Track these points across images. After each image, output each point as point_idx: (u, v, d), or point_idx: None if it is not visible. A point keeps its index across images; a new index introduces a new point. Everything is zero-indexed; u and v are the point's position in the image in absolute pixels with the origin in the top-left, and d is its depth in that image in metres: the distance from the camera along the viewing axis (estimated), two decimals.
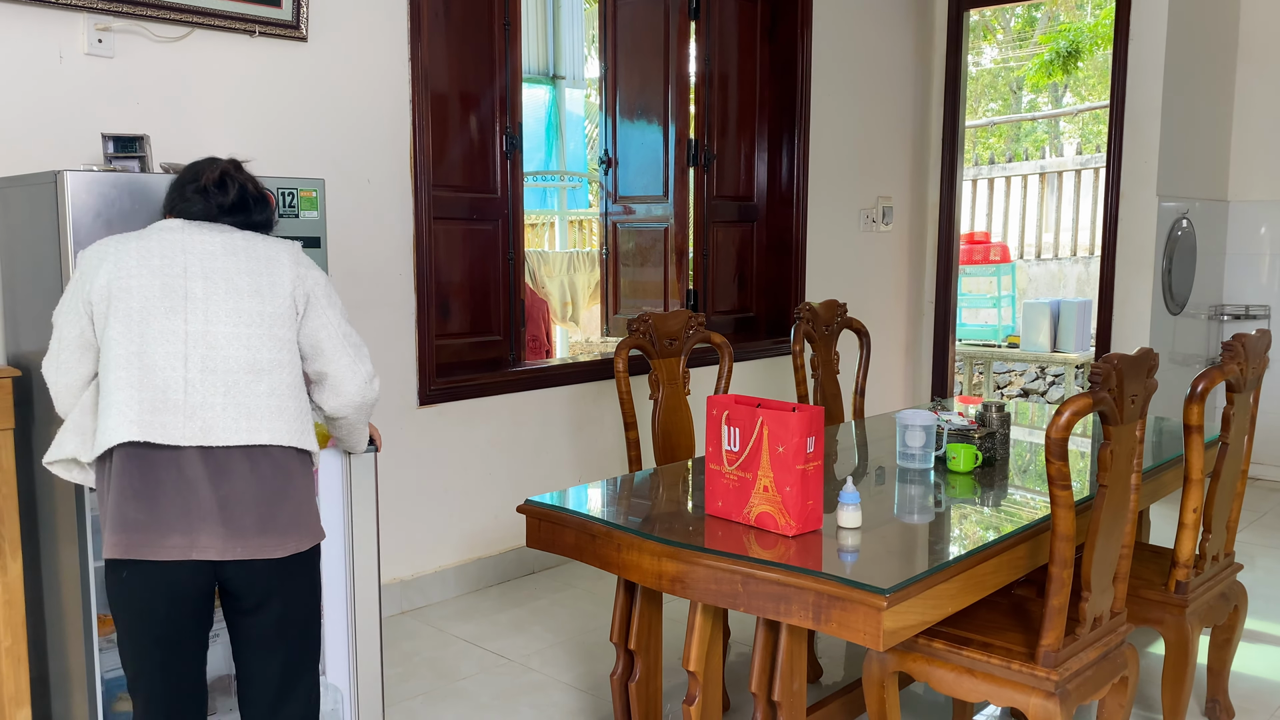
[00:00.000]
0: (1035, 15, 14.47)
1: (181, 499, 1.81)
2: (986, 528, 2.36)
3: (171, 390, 1.80)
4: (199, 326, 1.82)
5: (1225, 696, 2.83)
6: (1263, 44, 5.43)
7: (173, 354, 1.81)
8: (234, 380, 1.82)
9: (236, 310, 1.84)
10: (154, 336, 1.81)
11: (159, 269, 1.84)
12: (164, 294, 1.83)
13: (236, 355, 1.83)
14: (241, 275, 1.87)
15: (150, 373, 1.80)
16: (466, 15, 3.82)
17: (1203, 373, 2.45)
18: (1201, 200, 5.41)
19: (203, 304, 1.83)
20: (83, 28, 2.76)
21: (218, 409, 1.81)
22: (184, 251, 1.86)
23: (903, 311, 5.77)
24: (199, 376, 1.81)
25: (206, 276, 1.85)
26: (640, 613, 2.39)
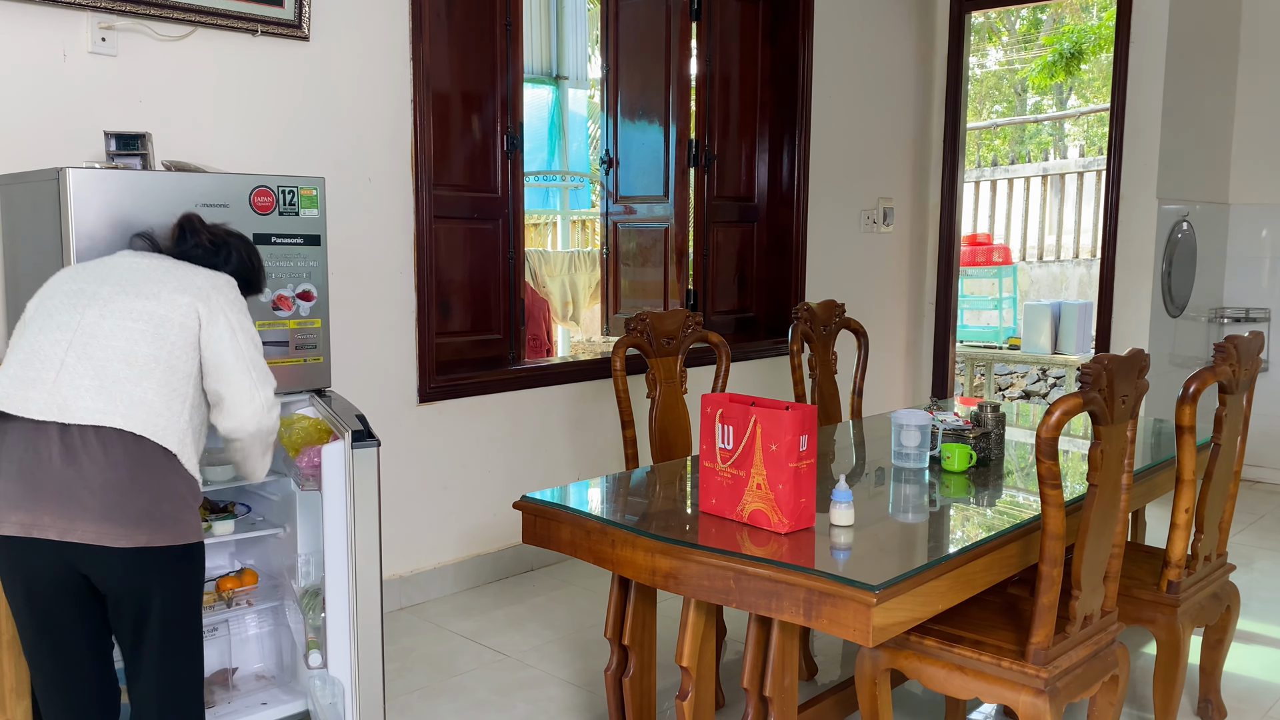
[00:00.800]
0: (1040, 17, 14.47)
1: (31, 476, 1.85)
2: (979, 526, 2.37)
3: (46, 370, 1.89)
4: (91, 319, 1.93)
5: (1218, 696, 2.84)
6: (1264, 47, 5.44)
7: (59, 341, 1.91)
8: (105, 368, 1.89)
9: (129, 309, 1.94)
10: (51, 328, 1.93)
11: (84, 278, 2.00)
12: (75, 296, 1.97)
13: (115, 345, 1.90)
14: (148, 282, 1.97)
15: (34, 355, 1.91)
16: (468, 15, 3.84)
17: (1194, 374, 2.46)
18: (1202, 203, 5.42)
19: (102, 303, 1.94)
20: (86, 26, 2.79)
21: (82, 390, 1.87)
22: (110, 268, 2.02)
23: (903, 313, 5.78)
24: (75, 362, 1.89)
25: (117, 283, 1.98)
26: (634, 609, 2.41)
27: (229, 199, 2.43)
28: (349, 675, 2.41)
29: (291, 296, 2.55)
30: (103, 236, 2.26)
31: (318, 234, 2.59)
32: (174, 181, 2.37)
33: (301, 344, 2.59)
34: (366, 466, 2.33)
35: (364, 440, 2.35)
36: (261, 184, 2.48)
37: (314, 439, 2.54)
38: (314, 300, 2.60)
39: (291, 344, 2.57)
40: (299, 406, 2.66)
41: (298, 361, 2.59)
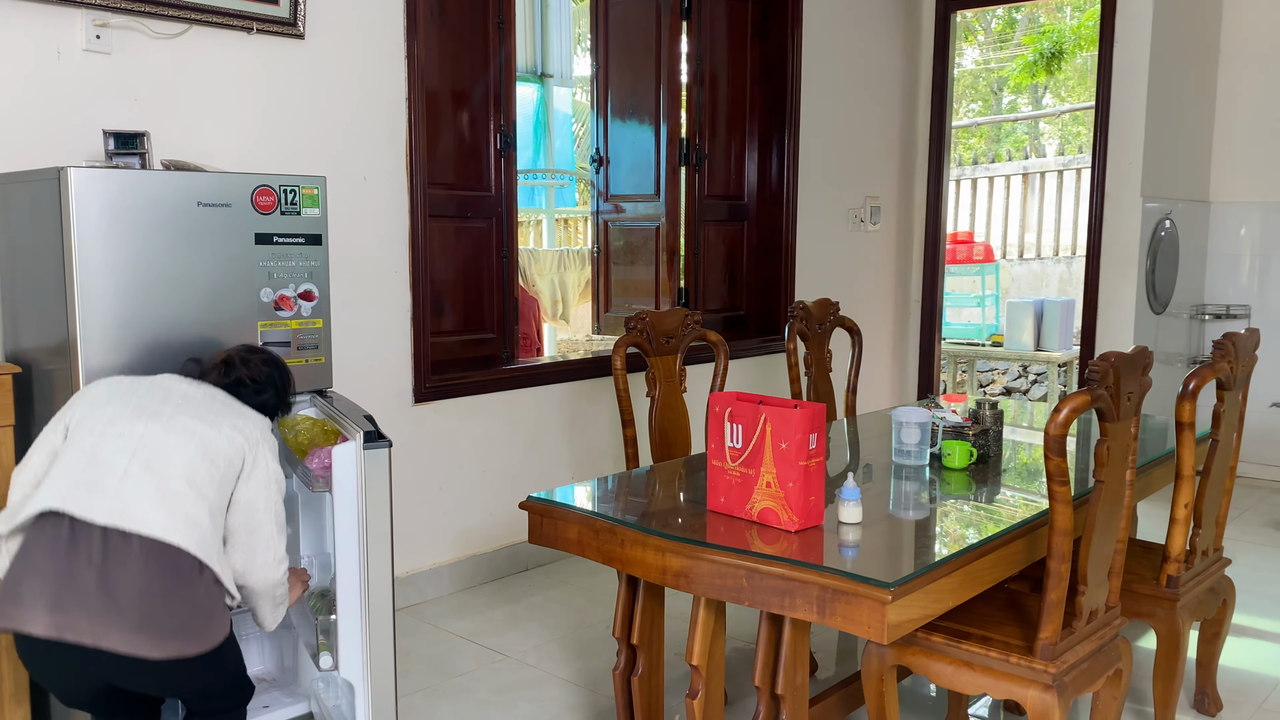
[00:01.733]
0: (1016, 17, 14.58)
1: (69, 578, 1.85)
2: (984, 523, 2.39)
3: (110, 476, 1.91)
4: (155, 433, 1.96)
5: (1214, 689, 2.88)
6: (1244, 47, 5.51)
7: (122, 449, 1.94)
8: (167, 482, 1.92)
9: (192, 430, 1.99)
10: (113, 435, 1.96)
11: (143, 395, 2.04)
12: (136, 412, 2.00)
13: (177, 461, 1.95)
14: (208, 411, 2.05)
15: (96, 459, 1.92)
16: (461, 13, 3.83)
17: (1194, 370, 2.49)
18: (1184, 201, 5.48)
19: (165, 420, 1.99)
20: (81, 24, 2.75)
21: (144, 500, 1.90)
22: (167, 390, 2.07)
23: (890, 310, 5.82)
24: (139, 471, 1.92)
25: (179, 404, 2.03)
26: (643, 608, 2.41)
27: (231, 198, 2.41)
28: (361, 677, 2.39)
29: (293, 296, 2.53)
30: (104, 236, 2.24)
31: (319, 234, 2.58)
32: (176, 181, 2.34)
33: (303, 344, 2.57)
34: (378, 467, 2.32)
35: (376, 441, 2.33)
36: (263, 183, 2.46)
37: (321, 440, 2.52)
38: (315, 300, 2.58)
39: (293, 344, 2.55)
40: (301, 408, 2.64)
41: (299, 362, 2.57)
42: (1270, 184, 5.55)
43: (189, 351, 2.36)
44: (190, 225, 2.35)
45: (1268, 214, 5.59)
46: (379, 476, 2.32)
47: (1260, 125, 5.51)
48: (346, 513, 2.35)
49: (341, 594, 2.38)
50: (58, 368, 2.34)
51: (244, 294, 2.45)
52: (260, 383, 2.21)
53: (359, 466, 2.29)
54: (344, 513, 2.35)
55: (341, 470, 2.33)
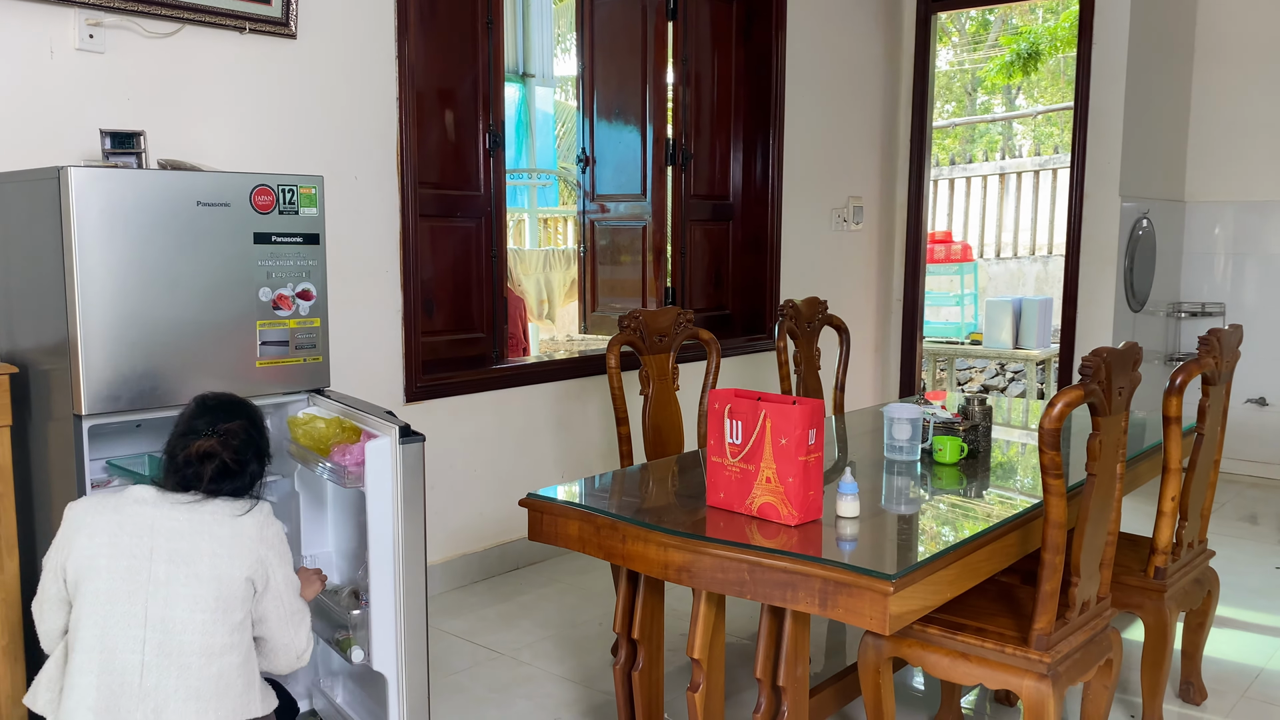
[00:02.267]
0: (989, 18, 14.72)
1: None
2: (978, 517, 2.43)
3: (129, 674, 1.90)
4: (159, 611, 1.92)
5: (1199, 678, 2.94)
6: (1218, 50, 5.61)
7: (132, 638, 1.91)
8: (187, 663, 1.92)
9: (194, 596, 1.94)
10: (116, 619, 1.92)
11: (127, 549, 1.95)
12: (128, 576, 1.93)
13: (192, 640, 1.93)
14: (203, 560, 1.96)
15: (111, 656, 1.91)
16: (450, 13, 3.84)
17: (1181, 365, 2.55)
18: (1161, 200, 5.57)
19: (164, 588, 1.93)
20: (74, 22, 2.74)
21: (169, 691, 1.90)
22: (151, 532, 1.96)
23: (872, 309, 5.87)
24: (155, 659, 1.91)
25: (170, 560, 1.95)
26: (643, 603, 2.43)
27: (229, 198, 2.41)
28: (394, 670, 2.40)
29: (291, 296, 2.54)
30: (104, 236, 2.23)
31: (317, 233, 2.58)
32: (175, 181, 2.34)
33: (301, 343, 2.58)
34: (413, 462, 2.32)
35: (411, 436, 2.34)
36: (262, 183, 2.47)
37: (342, 437, 2.51)
38: (313, 299, 2.59)
39: (291, 343, 2.56)
40: (299, 406, 2.65)
41: (297, 361, 2.58)
42: (1243, 184, 5.65)
43: (189, 351, 2.37)
44: (189, 224, 2.35)
45: (1241, 213, 5.69)
46: (414, 470, 2.33)
47: (1233, 126, 5.61)
48: (381, 506, 2.35)
49: (375, 587, 2.38)
50: (55, 368, 2.33)
51: (243, 293, 2.45)
52: (243, 458, 2.07)
53: (394, 461, 2.30)
54: (379, 506, 2.35)
55: (375, 465, 2.34)
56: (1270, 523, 4.83)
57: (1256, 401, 5.60)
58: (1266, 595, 3.78)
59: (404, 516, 2.32)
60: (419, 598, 2.39)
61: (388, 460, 2.31)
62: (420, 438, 2.32)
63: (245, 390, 2.49)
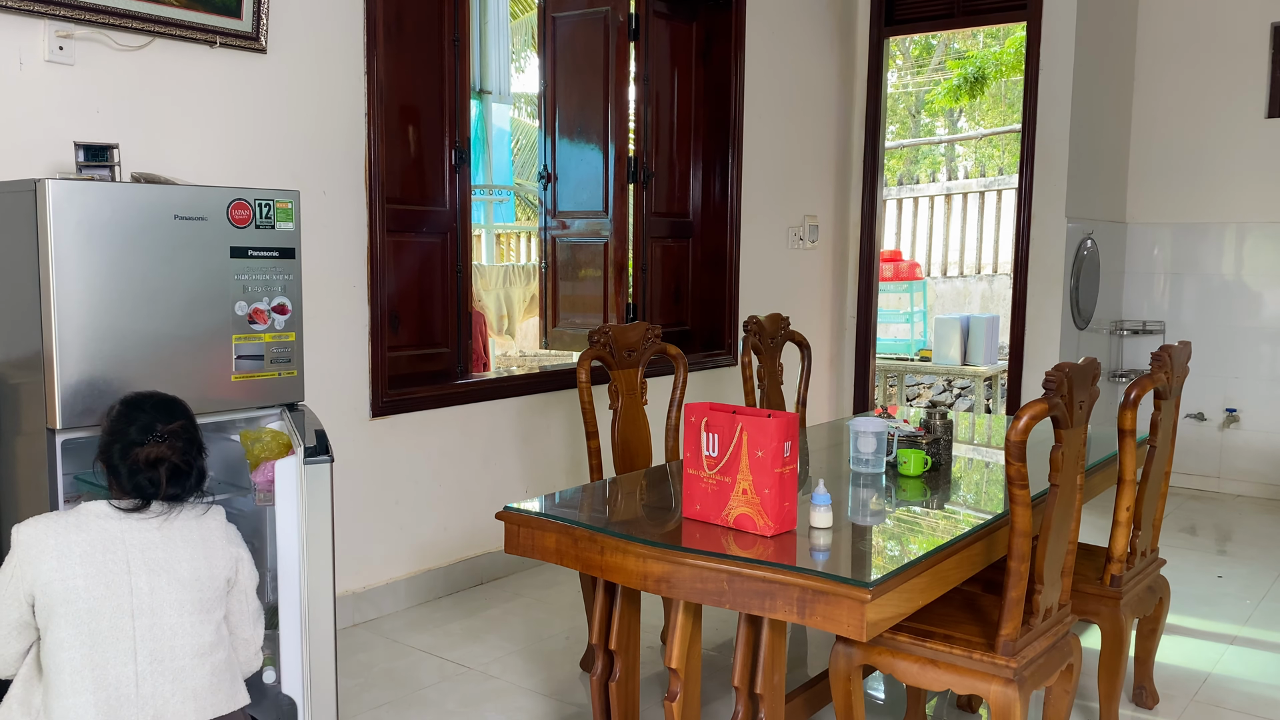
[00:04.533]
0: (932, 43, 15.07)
1: None
2: (944, 527, 2.51)
3: (124, 686, 1.91)
4: (146, 622, 1.94)
5: (1151, 683, 3.04)
6: (1157, 77, 5.82)
7: (123, 651, 1.92)
8: (181, 665, 1.96)
9: (179, 602, 1.97)
10: (104, 636, 1.91)
11: (102, 565, 1.93)
12: (110, 593, 1.93)
13: (183, 644, 1.96)
14: (182, 564, 1.99)
15: (104, 671, 1.91)
16: (418, 30, 3.86)
17: (1135, 381, 2.65)
18: (1103, 222, 5.75)
19: (148, 598, 1.95)
20: (44, 34, 2.73)
21: (167, 695, 1.94)
22: (124, 545, 1.96)
23: (827, 325, 5.97)
24: (149, 668, 1.93)
25: (149, 569, 1.96)
26: (620, 614, 2.46)
27: (206, 212, 2.41)
28: (301, 692, 2.39)
29: (267, 310, 2.54)
30: (80, 249, 2.22)
31: (293, 247, 2.59)
32: (153, 194, 2.34)
33: (276, 358, 2.57)
34: (319, 482, 2.32)
35: (317, 455, 2.33)
36: (239, 197, 2.47)
37: (275, 453, 2.52)
38: (289, 314, 2.59)
39: (266, 358, 2.55)
40: (270, 421, 2.64)
41: (272, 375, 2.58)
42: (1179, 206, 5.86)
43: (164, 365, 2.35)
44: (166, 238, 2.35)
45: (1178, 235, 5.90)
46: (320, 491, 2.33)
47: (1171, 151, 5.82)
48: (288, 527, 2.35)
49: (283, 609, 2.37)
50: (27, 381, 2.31)
51: (219, 307, 2.45)
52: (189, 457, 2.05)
53: (299, 480, 2.29)
54: (285, 527, 2.35)
55: (284, 484, 2.34)
56: (1209, 533, 4.99)
57: (1195, 417, 5.80)
58: (1210, 603, 3.92)
59: (309, 537, 2.32)
60: (326, 621, 2.39)
61: (294, 480, 2.31)
62: (327, 458, 2.32)
63: (220, 405, 2.49)
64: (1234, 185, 5.69)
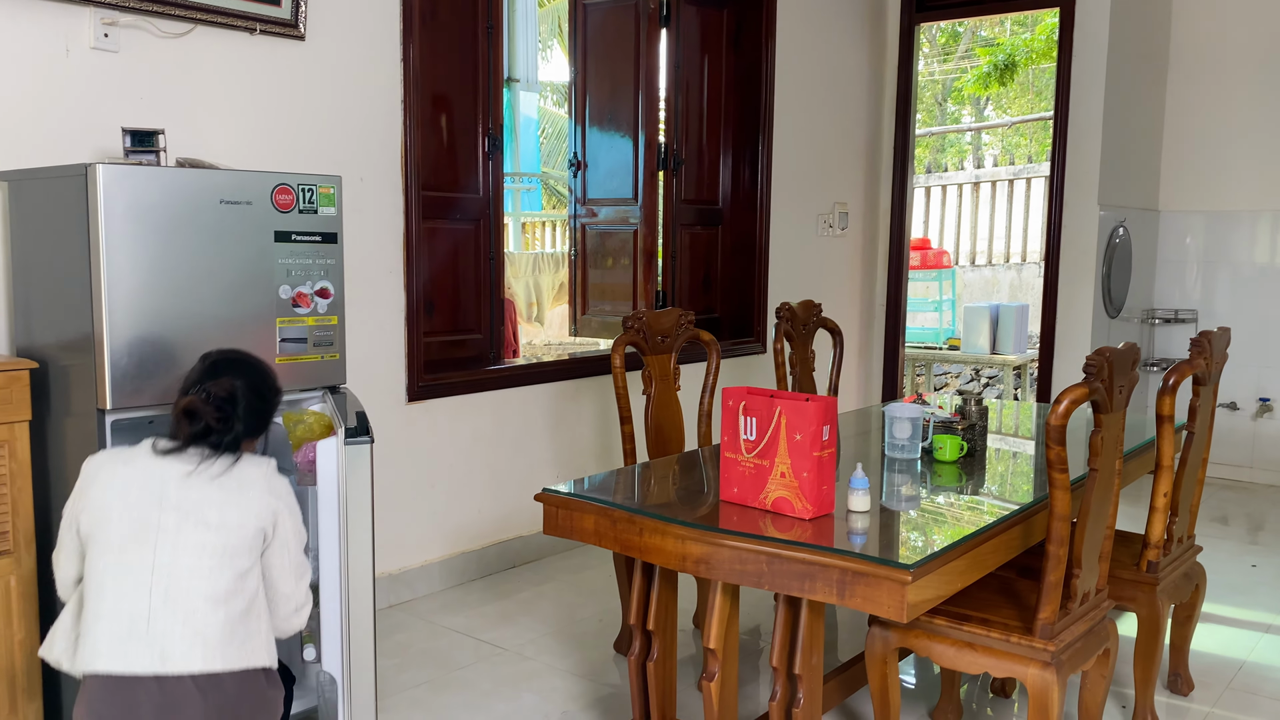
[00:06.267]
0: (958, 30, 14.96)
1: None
2: (981, 511, 2.51)
3: (137, 620, 1.92)
4: (166, 558, 1.94)
5: (1186, 670, 3.04)
6: (1191, 64, 5.76)
7: (140, 584, 1.93)
8: (193, 608, 1.93)
9: (201, 544, 1.95)
10: (127, 567, 1.94)
11: (138, 500, 1.97)
12: (139, 526, 1.95)
13: (197, 586, 1.94)
14: (211, 508, 1.97)
15: (120, 602, 1.92)
16: (452, 18, 3.88)
17: (1174, 367, 2.64)
18: (1136, 209, 5.71)
19: (172, 537, 1.95)
20: (90, 22, 2.76)
21: (176, 636, 1.91)
22: (161, 482, 1.98)
23: (856, 314, 5.97)
24: (161, 605, 1.92)
25: (179, 508, 1.96)
26: (658, 595, 2.49)
27: (251, 196, 2.45)
28: (340, 670, 2.42)
29: (310, 294, 2.57)
30: (129, 233, 2.26)
31: (335, 232, 2.62)
32: (199, 179, 2.37)
33: (319, 341, 2.61)
34: (359, 462, 2.34)
35: (357, 436, 2.35)
36: (283, 182, 2.50)
37: (317, 434, 2.56)
38: (331, 298, 2.62)
39: (310, 341, 2.59)
40: (311, 403, 2.68)
41: (315, 358, 2.61)
42: (1213, 194, 5.80)
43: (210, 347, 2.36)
44: (212, 222, 2.38)
45: (1210, 223, 5.85)
46: (360, 471, 2.34)
47: (1204, 138, 5.77)
48: (328, 507, 2.37)
49: (324, 588, 2.41)
50: (77, 363, 2.35)
51: (263, 291, 2.49)
52: (228, 420, 2.03)
53: (339, 461, 2.32)
54: (326, 507, 2.38)
55: (325, 465, 2.36)
56: (1241, 523, 4.96)
57: (1228, 406, 5.75)
58: (1244, 591, 3.90)
59: (349, 517, 2.34)
60: (366, 600, 2.40)
61: (334, 460, 2.33)
62: (368, 439, 2.32)
63: None
64: (1268, 173, 5.63)
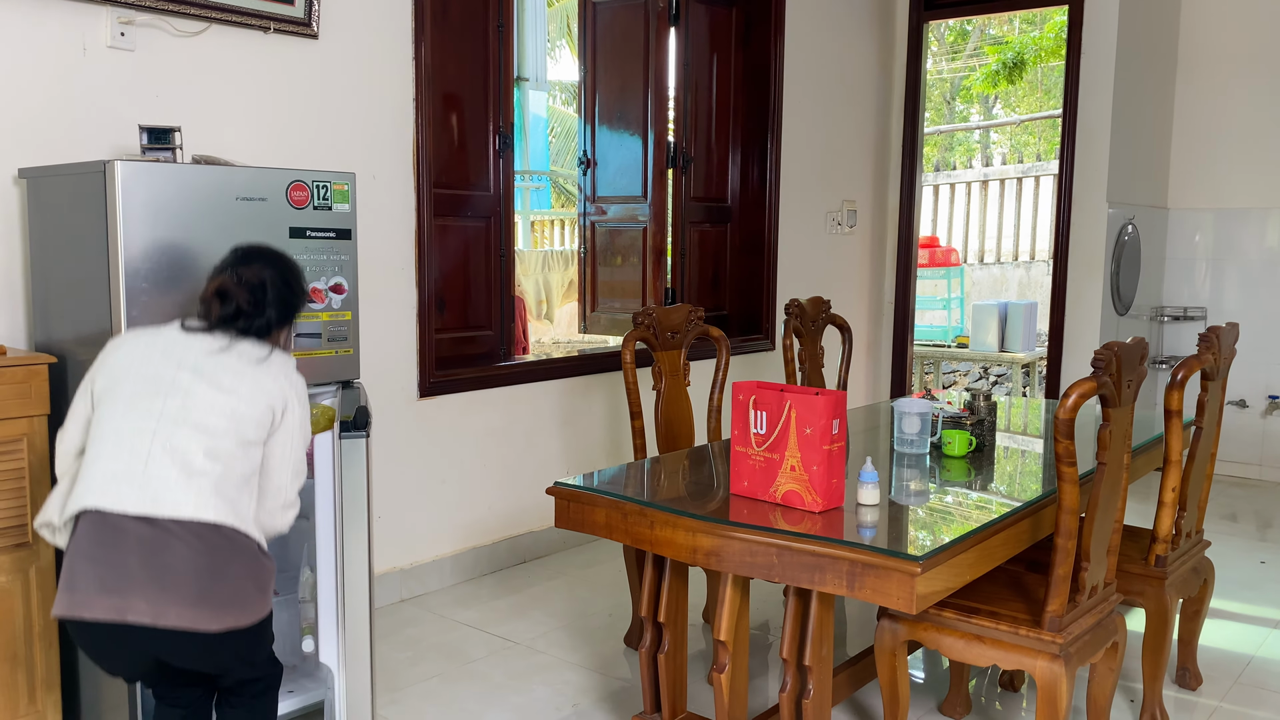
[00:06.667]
0: (967, 28, 14.95)
1: (122, 563, 1.89)
2: (990, 505, 2.53)
3: (135, 461, 1.93)
4: (175, 407, 1.96)
5: (1195, 665, 3.05)
6: (1199, 61, 5.76)
7: (144, 430, 1.95)
8: (190, 459, 1.94)
9: (212, 404, 1.97)
10: (135, 415, 1.96)
11: (160, 364, 2.01)
12: (153, 382, 1.99)
13: (200, 441, 1.95)
14: (227, 374, 2.00)
15: (120, 443, 1.94)
16: (463, 17, 3.91)
17: (1182, 361, 2.65)
18: (1145, 207, 5.71)
19: (184, 391, 1.97)
20: (106, 21, 2.80)
21: (170, 482, 1.92)
22: (184, 350, 2.02)
23: (865, 311, 5.98)
24: (160, 453, 1.94)
25: (196, 370, 2.00)
26: (669, 587, 2.51)
27: (267, 193, 2.47)
28: (336, 662, 2.44)
29: (324, 289, 2.60)
30: (147, 229, 2.29)
31: (349, 228, 2.64)
32: (215, 175, 2.40)
33: (333, 336, 2.63)
34: (355, 456, 2.34)
35: (352, 430, 2.36)
36: (298, 179, 2.53)
37: (322, 428, 2.57)
38: (345, 293, 2.65)
39: (324, 336, 2.61)
40: (324, 397, 2.70)
41: (329, 354, 2.64)
42: (1222, 191, 5.81)
43: None
44: (228, 218, 2.41)
45: (1220, 220, 5.85)
46: (355, 465, 2.35)
47: (1213, 135, 5.77)
48: (324, 500, 2.39)
49: (320, 581, 2.42)
50: (95, 358, 2.38)
51: None
52: (260, 304, 2.07)
53: (334, 454, 2.33)
54: (322, 500, 2.40)
55: (321, 458, 2.38)
56: (1250, 520, 4.97)
57: (1236, 404, 5.76)
58: (1253, 588, 3.91)
59: (345, 511, 2.35)
60: (362, 593, 2.40)
61: (329, 454, 2.34)
62: (363, 433, 2.33)
63: None
64: (1277, 170, 5.63)
